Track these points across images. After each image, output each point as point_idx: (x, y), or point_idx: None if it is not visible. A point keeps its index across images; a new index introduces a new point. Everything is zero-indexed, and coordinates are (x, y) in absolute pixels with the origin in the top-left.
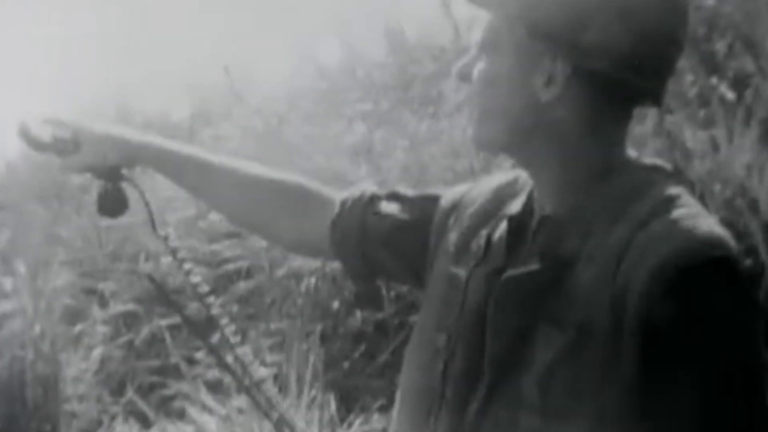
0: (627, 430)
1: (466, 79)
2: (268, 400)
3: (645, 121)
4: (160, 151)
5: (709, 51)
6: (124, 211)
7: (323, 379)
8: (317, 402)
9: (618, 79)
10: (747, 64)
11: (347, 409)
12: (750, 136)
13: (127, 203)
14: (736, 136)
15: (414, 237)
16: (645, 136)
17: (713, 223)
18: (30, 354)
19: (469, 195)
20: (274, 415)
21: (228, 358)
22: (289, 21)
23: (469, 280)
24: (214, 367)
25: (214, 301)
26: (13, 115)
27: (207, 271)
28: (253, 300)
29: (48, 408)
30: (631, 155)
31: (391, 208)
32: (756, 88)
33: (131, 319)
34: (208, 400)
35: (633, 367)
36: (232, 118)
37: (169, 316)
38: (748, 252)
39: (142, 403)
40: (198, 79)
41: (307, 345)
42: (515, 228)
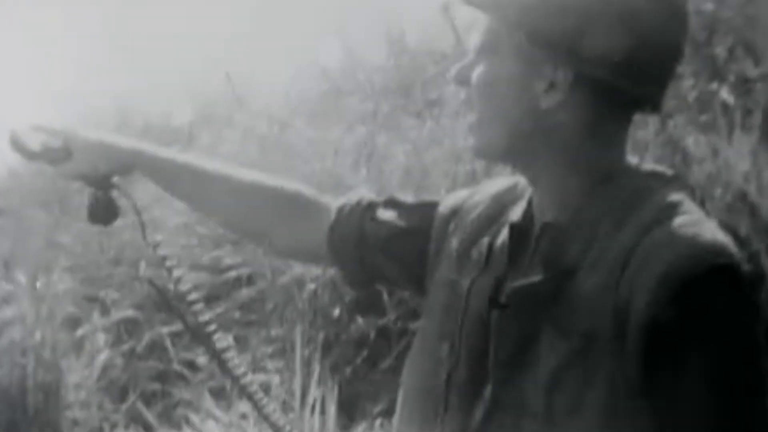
0: None
1: (464, 83)
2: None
3: (647, 126)
4: (154, 159)
5: (709, 55)
6: (114, 219)
7: (325, 386)
8: (319, 408)
9: (619, 86)
10: (747, 68)
11: (349, 416)
12: (750, 141)
13: (117, 211)
14: (736, 140)
15: (412, 244)
16: (646, 141)
17: (716, 229)
18: (31, 361)
19: (470, 201)
20: (277, 423)
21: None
22: (290, 25)
23: (471, 287)
24: (216, 373)
25: (203, 308)
26: (13, 121)
27: (208, 278)
28: (255, 306)
29: (49, 415)
30: (631, 161)
31: (389, 215)
32: (756, 92)
33: (132, 326)
34: (211, 406)
35: (638, 375)
36: (233, 122)
37: (171, 322)
38: (749, 258)
39: (145, 410)
40: (199, 83)
41: (309, 351)
42: (517, 235)
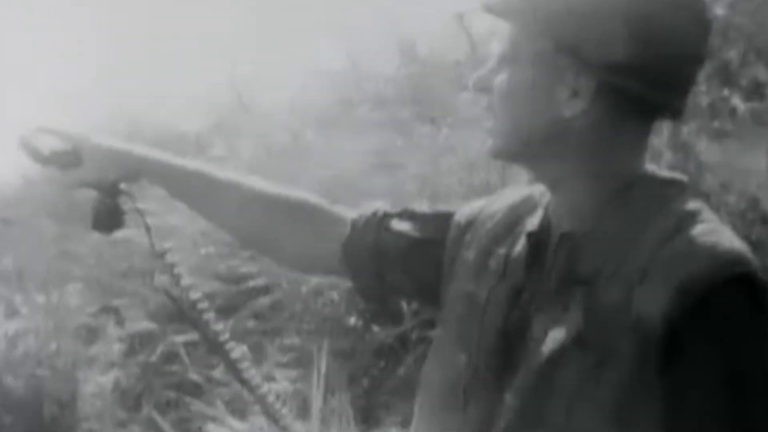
0: None
1: (485, 90)
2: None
3: (660, 133)
4: (163, 167)
5: (721, 61)
6: (118, 228)
7: (342, 395)
8: (336, 418)
9: (641, 94)
10: (760, 73)
11: (366, 426)
12: (763, 148)
13: (122, 220)
14: (749, 147)
15: (428, 255)
16: (660, 148)
17: (733, 238)
18: (46, 372)
19: (486, 211)
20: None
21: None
22: (301, 34)
23: (489, 298)
24: (231, 383)
25: (214, 317)
26: (23, 126)
27: (225, 287)
28: (272, 316)
29: (65, 426)
30: (649, 169)
31: (404, 226)
32: None
33: (147, 337)
34: (226, 417)
35: (657, 385)
36: (244, 130)
37: (186, 332)
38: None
39: (160, 421)
40: (209, 92)
41: (326, 361)
42: (534, 245)
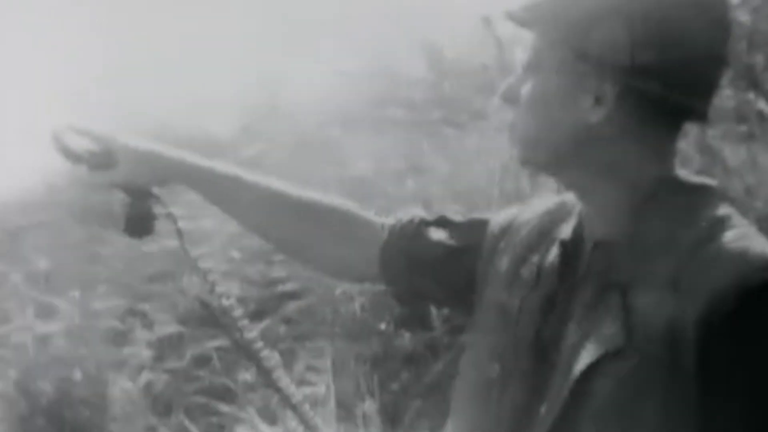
0: None
1: (513, 102)
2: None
3: (686, 136)
4: (196, 170)
5: (746, 65)
6: (150, 233)
7: (372, 400)
8: (366, 423)
9: (665, 97)
10: None
11: (395, 430)
12: None
13: (154, 225)
14: None
15: (462, 263)
16: (689, 153)
17: (765, 243)
18: (76, 375)
19: (519, 219)
20: None
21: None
22: (330, 35)
23: (522, 307)
24: (261, 388)
25: (248, 324)
26: (48, 129)
27: (256, 292)
28: (302, 320)
29: (94, 429)
30: (679, 173)
31: (440, 234)
32: None
33: (176, 340)
34: (256, 421)
35: (691, 393)
36: (273, 132)
37: (216, 337)
38: None
39: (190, 425)
40: (238, 93)
41: (356, 365)
42: (567, 253)
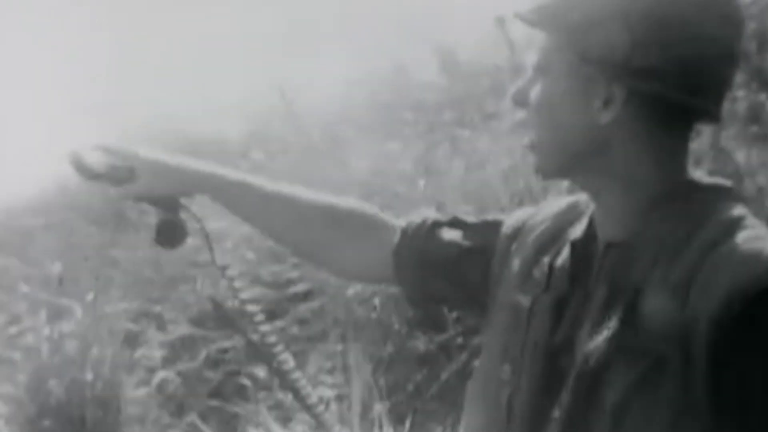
0: None
1: (523, 105)
2: (322, 424)
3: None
4: (216, 179)
5: (758, 66)
6: (182, 243)
7: (386, 402)
8: (380, 424)
9: (674, 98)
10: None
11: None
12: None
13: (185, 234)
14: None
15: (476, 264)
16: (700, 154)
17: None
18: (89, 376)
19: (532, 220)
20: None
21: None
22: (341, 38)
23: (533, 309)
24: (275, 389)
25: (272, 329)
26: (66, 135)
27: (268, 293)
28: (315, 322)
29: (107, 430)
30: (692, 174)
31: (453, 235)
32: None
33: (189, 342)
34: (269, 422)
35: (704, 395)
36: (284, 136)
37: (228, 338)
38: None
39: (203, 426)
40: (249, 97)
41: (370, 367)
42: (578, 254)
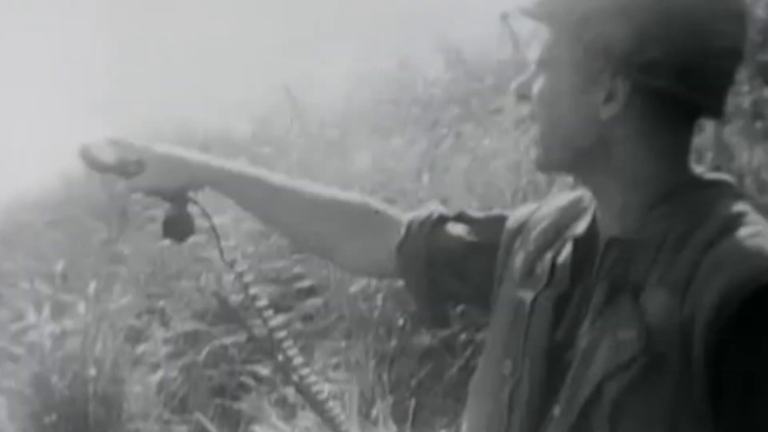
0: None
1: (526, 98)
2: (331, 419)
3: (701, 132)
4: (224, 173)
5: (762, 62)
6: (189, 235)
7: (389, 398)
8: (383, 420)
9: (679, 94)
10: None
11: (414, 428)
12: None
13: (193, 227)
14: None
15: (481, 259)
16: (703, 149)
17: None
18: (93, 372)
19: (536, 216)
20: None
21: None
22: (349, 35)
23: (534, 305)
24: (279, 385)
25: (280, 325)
26: (70, 133)
27: (273, 288)
28: (319, 317)
29: (111, 426)
30: (693, 170)
31: (458, 230)
32: None
33: (193, 337)
34: (273, 417)
35: (705, 395)
36: (292, 134)
37: (232, 333)
38: None
39: (206, 421)
40: (258, 93)
41: (373, 363)
42: (580, 250)
